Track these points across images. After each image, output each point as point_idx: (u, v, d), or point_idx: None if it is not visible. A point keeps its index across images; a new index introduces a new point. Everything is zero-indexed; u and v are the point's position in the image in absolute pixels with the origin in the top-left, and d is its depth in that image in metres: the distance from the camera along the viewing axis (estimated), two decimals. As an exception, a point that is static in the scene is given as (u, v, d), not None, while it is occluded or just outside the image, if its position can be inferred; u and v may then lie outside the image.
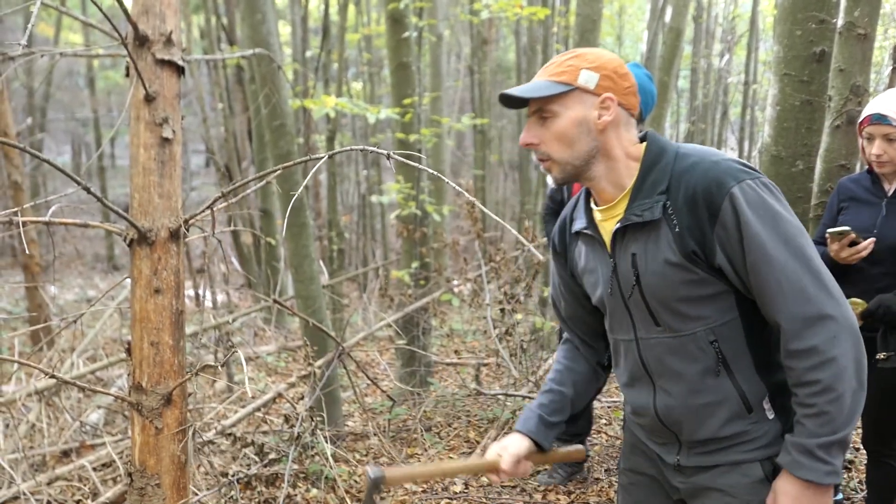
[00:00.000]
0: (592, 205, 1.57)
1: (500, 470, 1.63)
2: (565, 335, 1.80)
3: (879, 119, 2.45)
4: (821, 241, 2.67)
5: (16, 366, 5.09)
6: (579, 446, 1.76)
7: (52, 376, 1.63)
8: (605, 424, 4.31)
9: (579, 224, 1.59)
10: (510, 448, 1.63)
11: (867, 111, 2.53)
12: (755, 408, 1.46)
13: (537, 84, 1.47)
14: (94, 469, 3.98)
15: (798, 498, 1.36)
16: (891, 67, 7.63)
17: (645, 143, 1.49)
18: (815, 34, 3.03)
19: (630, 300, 1.51)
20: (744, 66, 11.10)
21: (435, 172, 1.37)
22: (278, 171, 1.64)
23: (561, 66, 1.47)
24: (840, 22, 2.89)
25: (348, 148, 1.45)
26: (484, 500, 3.43)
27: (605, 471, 3.68)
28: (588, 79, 1.44)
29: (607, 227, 1.53)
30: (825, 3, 3.02)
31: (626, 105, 1.47)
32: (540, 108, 1.47)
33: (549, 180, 1.55)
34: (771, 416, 1.46)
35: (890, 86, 7.48)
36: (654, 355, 1.52)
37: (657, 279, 1.45)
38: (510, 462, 1.61)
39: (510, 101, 1.49)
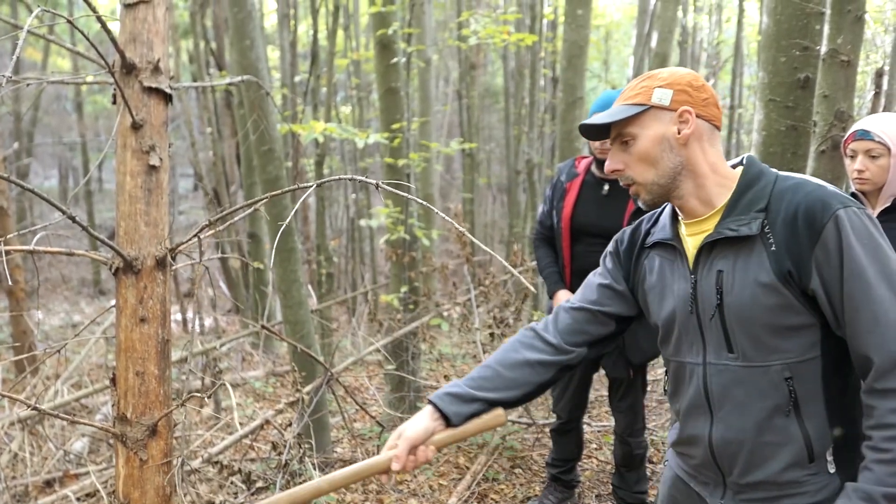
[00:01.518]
0: (680, 218, 1.53)
1: (391, 465, 1.49)
2: (536, 324, 1.71)
3: (863, 135, 2.47)
4: None
5: (-1, 394, 5.01)
6: (498, 411, 1.58)
7: (34, 408, 1.61)
8: (596, 449, 4.29)
9: (660, 235, 1.54)
10: (406, 432, 1.51)
11: (851, 129, 2.55)
12: (818, 458, 1.37)
13: (613, 111, 1.48)
14: (78, 499, 3.91)
15: None
16: (873, 92, 7.75)
17: (742, 167, 1.47)
18: (800, 61, 3.07)
19: (708, 320, 1.44)
20: (729, 90, 11.23)
21: (422, 202, 1.36)
22: (266, 199, 1.63)
23: (634, 89, 1.48)
24: (823, 49, 2.92)
25: (336, 178, 1.45)
26: (474, 528, 3.39)
27: (596, 497, 3.65)
28: (661, 96, 1.44)
29: (692, 243, 1.48)
30: (809, 30, 3.07)
31: (706, 116, 1.46)
32: (619, 133, 1.48)
33: (641, 203, 1.52)
34: (832, 469, 1.37)
35: (873, 110, 7.59)
36: (720, 383, 1.43)
37: (743, 300, 1.37)
38: (404, 450, 1.49)
39: (590, 132, 1.51)
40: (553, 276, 3.21)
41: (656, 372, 5.66)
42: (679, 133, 1.43)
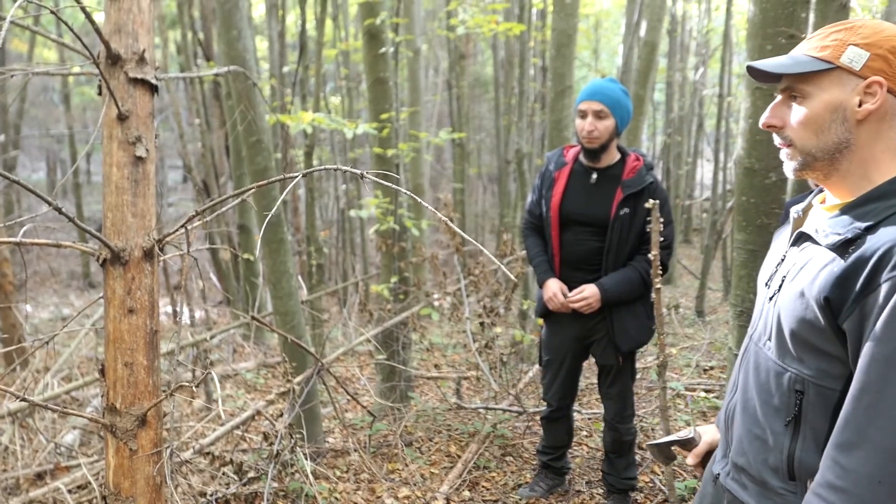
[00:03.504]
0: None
1: None
2: None
3: None
4: None
5: (-12, 387, 5.00)
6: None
7: (24, 399, 1.61)
8: (586, 436, 4.32)
9: (802, 204, 1.44)
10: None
11: None
12: (798, 480, 1.30)
13: (793, 59, 1.28)
14: (70, 491, 3.91)
15: None
16: (860, 79, 7.80)
17: None
18: (786, 49, 3.09)
19: (768, 300, 1.39)
20: (718, 78, 11.26)
21: (409, 193, 1.37)
22: (253, 190, 1.63)
23: (826, 38, 1.26)
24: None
25: (322, 167, 1.45)
26: (465, 516, 3.42)
27: (587, 483, 3.68)
28: (854, 57, 1.22)
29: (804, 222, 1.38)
30: (794, 18, 3.08)
31: None
32: (790, 85, 1.29)
33: (786, 169, 1.34)
34: None
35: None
36: (752, 361, 1.40)
37: (789, 299, 1.29)
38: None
39: (759, 75, 1.32)
40: (542, 264, 3.22)
41: (645, 359, 5.70)
42: (860, 106, 1.23)
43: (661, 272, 2.75)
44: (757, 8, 3.13)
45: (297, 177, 1.41)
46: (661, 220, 2.81)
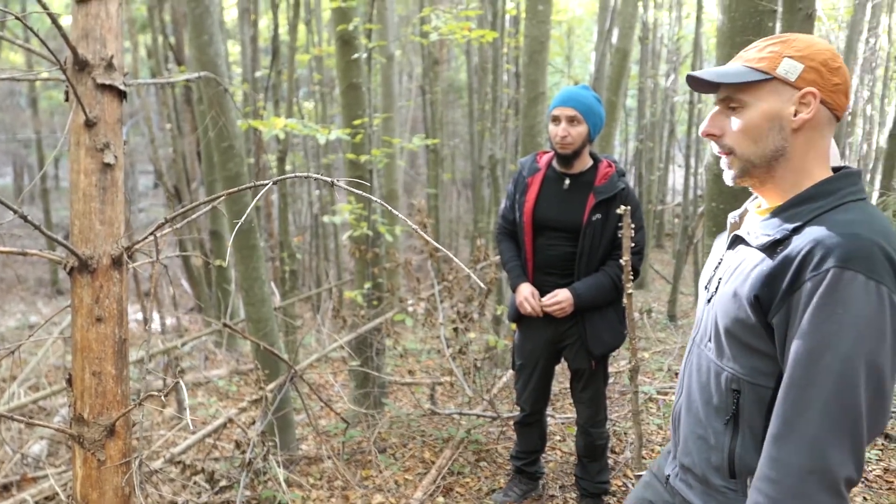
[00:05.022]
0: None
1: None
2: None
3: None
4: None
5: (-48, 397, 4.91)
6: None
7: (-12, 410, 1.58)
8: (559, 441, 4.34)
9: (739, 211, 1.51)
10: None
11: None
12: (739, 478, 1.35)
13: (731, 69, 1.33)
14: (37, 503, 3.84)
15: None
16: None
17: (829, 173, 1.33)
18: (753, 57, 3.14)
19: (707, 302, 1.45)
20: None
21: (379, 201, 1.37)
22: (224, 196, 1.62)
23: (762, 51, 1.32)
24: (775, 45, 3.00)
25: (294, 175, 1.45)
26: (439, 522, 3.42)
27: (560, 487, 3.70)
28: (790, 68, 1.28)
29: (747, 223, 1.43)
30: (762, 27, 3.13)
31: (830, 104, 1.29)
32: (729, 95, 1.33)
33: (726, 177, 1.39)
34: None
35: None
36: (697, 363, 1.45)
37: (725, 300, 1.34)
38: None
39: (697, 84, 1.36)
40: (516, 269, 3.24)
41: (618, 364, 5.74)
42: (795, 116, 1.29)
43: (632, 277, 2.77)
44: (725, 17, 3.18)
45: (268, 184, 1.41)
46: (633, 225, 2.83)
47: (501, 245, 3.36)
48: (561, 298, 3.04)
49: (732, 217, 1.50)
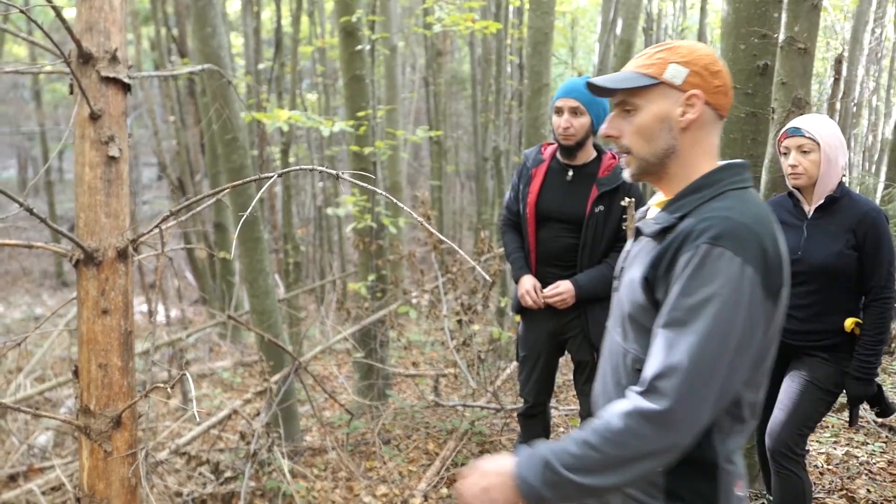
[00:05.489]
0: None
1: None
2: None
3: (794, 132, 2.59)
4: None
5: (-41, 389, 4.94)
6: None
7: (-5, 402, 1.59)
8: (563, 433, 4.35)
9: (643, 208, 1.61)
10: None
11: (784, 128, 2.66)
12: None
13: (624, 75, 1.44)
14: (43, 493, 3.86)
15: (497, 469, 1.38)
16: (833, 79, 7.90)
17: (716, 166, 1.43)
18: (758, 48, 3.13)
19: (615, 291, 1.55)
20: (692, 76, 11.35)
21: (383, 193, 1.37)
22: (228, 189, 1.62)
23: (651, 58, 1.43)
24: (781, 36, 2.98)
25: (298, 168, 1.45)
26: (443, 513, 3.43)
27: (564, 479, 3.71)
28: (675, 73, 1.40)
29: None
30: (767, 18, 3.12)
31: (714, 105, 1.41)
32: (624, 99, 1.44)
33: (625, 175, 1.50)
34: (659, 468, 1.40)
35: (833, 96, 7.72)
36: (608, 347, 1.55)
37: (625, 287, 1.46)
38: None
39: (596, 90, 1.47)
40: (519, 261, 3.24)
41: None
42: (682, 116, 1.40)
43: (636, 269, 2.78)
44: (730, 7, 3.17)
45: (272, 177, 1.41)
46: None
47: (505, 236, 3.36)
48: (562, 290, 3.04)
49: (640, 213, 1.60)
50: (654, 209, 1.54)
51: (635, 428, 1.27)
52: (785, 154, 2.65)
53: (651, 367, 1.29)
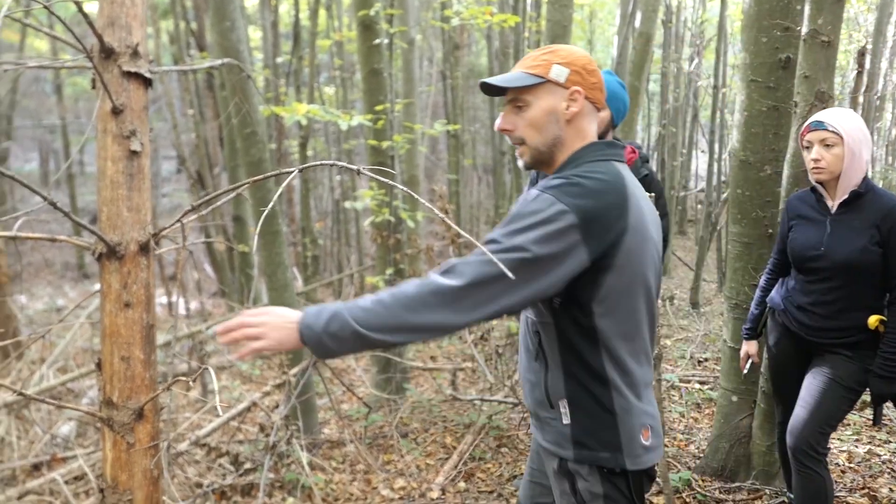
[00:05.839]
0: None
1: None
2: None
3: (817, 125, 2.55)
4: (780, 251, 2.77)
5: (-17, 379, 5.00)
6: None
7: (20, 394, 1.61)
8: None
9: None
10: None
11: (806, 122, 2.61)
12: (554, 405, 1.61)
13: (514, 75, 1.62)
14: (66, 482, 3.92)
15: (280, 311, 1.54)
16: (856, 71, 7.79)
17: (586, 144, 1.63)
18: (781, 41, 3.09)
19: None
20: (713, 69, 11.25)
21: (403, 188, 1.37)
22: (248, 184, 1.63)
23: (536, 59, 1.62)
24: (804, 29, 2.94)
25: (318, 163, 1.45)
26: (461, 506, 3.44)
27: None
28: (559, 73, 1.59)
29: None
30: (789, 10, 3.08)
31: (592, 99, 1.62)
32: (515, 97, 1.62)
33: (520, 163, 1.70)
34: (566, 420, 1.60)
35: (855, 89, 7.62)
36: (522, 318, 1.73)
37: None
38: None
39: (489, 89, 1.64)
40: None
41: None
42: (567, 109, 1.60)
43: (655, 264, 2.75)
44: (752, 0, 3.13)
45: (293, 172, 1.41)
46: (657, 213, 2.81)
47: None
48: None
49: None
50: None
51: (426, 296, 1.43)
52: (807, 148, 2.60)
53: (460, 260, 1.47)
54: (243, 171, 4.19)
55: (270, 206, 1.38)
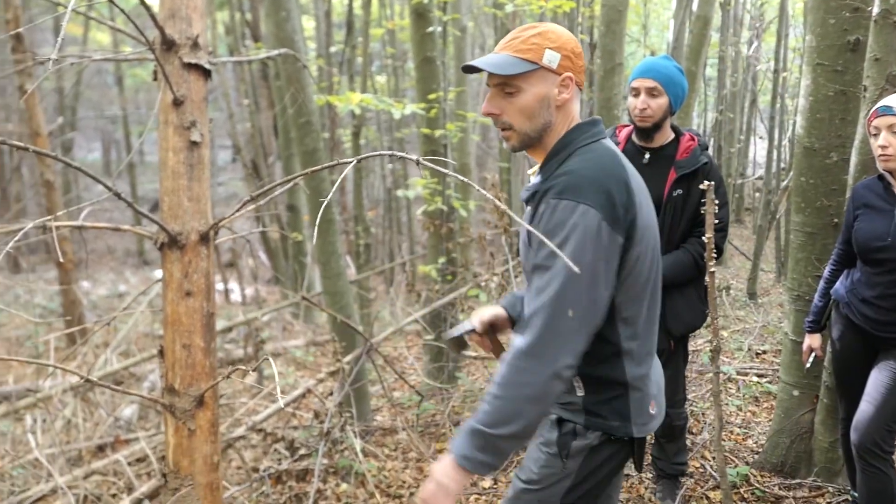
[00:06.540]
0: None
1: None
2: None
3: (885, 111, 2.43)
4: (845, 242, 2.67)
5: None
6: None
7: (87, 380, 1.66)
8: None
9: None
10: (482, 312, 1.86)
11: (874, 107, 2.50)
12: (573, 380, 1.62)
13: (503, 59, 1.56)
14: (129, 464, 4.04)
15: (442, 461, 1.54)
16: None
17: (569, 128, 1.62)
18: (850, 22, 2.97)
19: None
20: (773, 53, 10.91)
21: (461, 178, 1.36)
22: (305, 175, 1.64)
23: (525, 42, 1.57)
24: (875, 10, 2.81)
25: (378, 153, 1.45)
26: (513, 496, 3.43)
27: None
28: (551, 58, 1.55)
29: None
30: (859, -10, 2.95)
31: (578, 82, 1.61)
32: (504, 81, 1.57)
33: (506, 146, 1.71)
34: (580, 392, 1.62)
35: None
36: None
37: (521, 252, 1.66)
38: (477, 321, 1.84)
39: (472, 70, 1.59)
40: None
41: (696, 342, 5.62)
42: (559, 95, 1.58)
43: (715, 255, 2.68)
44: (819, -20, 3.01)
45: (352, 162, 1.41)
46: (716, 201, 2.74)
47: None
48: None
49: (527, 182, 1.79)
50: (531, 178, 1.71)
51: (518, 365, 1.45)
52: (875, 135, 2.49)
53: (525, 309, 1.49)
54: (298, 160, 4.23)
55: (329, 197, 1.39)
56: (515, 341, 1.47)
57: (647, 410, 1.63)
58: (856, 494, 2.68)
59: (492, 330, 1.88)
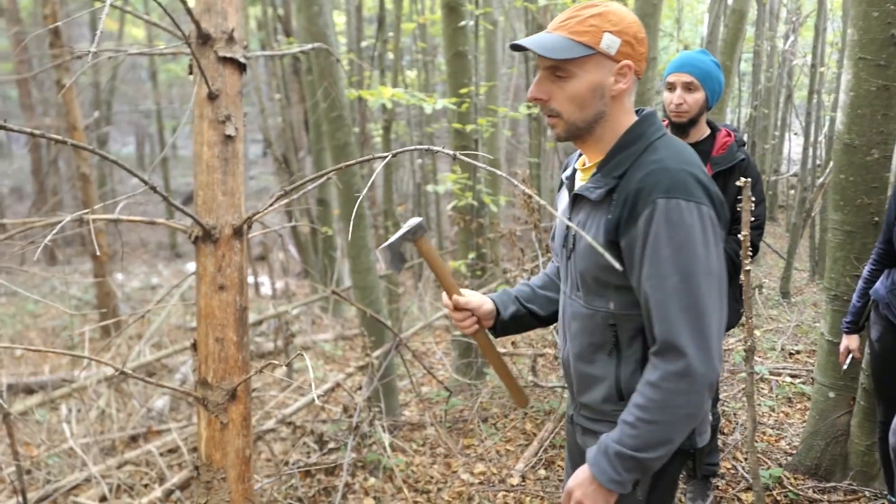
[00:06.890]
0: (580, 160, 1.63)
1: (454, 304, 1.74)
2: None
3: None
4: (886, 241, 2.60)
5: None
6: (524, 395, 1.90)
7: (122, 372, 1.67)
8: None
9: (568, 171, 1.65)
10: (470, 297, 1.75)
11: None
12: (626, 397, 1.50)
13: (556, 41, 1.42)
14: (161, 454, 4.10)
15: (582, 484, 1.45)
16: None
17: (634, 120, 1.49)
18: (893, 16, 2.89)
19: (567, 260, 1.60)
20: (810, 47, 10.70)
21: (497, 171, 1.34)
22: (338, 170, 1.63)
23: (583, 23, 1.42)
24: (920, 2, 2.74)
25: (412, 148, 1.44)
26: (541, 494, 3.41)
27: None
28: (610, 44, 1.41)
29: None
30: (904, -18, 2.88)
31: (638, 72, 1.47)
32: (555, 65, 1.43)
33: (550, 134, 1.59)
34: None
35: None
36: (570, 313, 1.61)
37: (583, 253, 1.51)
38: (461, 302, 1.73)
39: (519, 49, 1.46)
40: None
41: (728, 342, 5.54)
42: (615, 85, 1.44)
43: (751, 253, 2.64)
44: (863, -28, 2.93)
45: (387, 157, 1.41)
46: (753, 199, 2.69)
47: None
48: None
49: (565, 178, 1.65)
50: (580, 173, 1.59)
51: (672, 388, 1.35)
52: None
53: (659, 328, 1.37)
54: (329, 154, 4.24)
55: (363, 194, 1.38)
56: (661, 366, 1.37)
57: (707, 418, 1.55)
58: (893, 499, 2.62)
59: (479, 323, 1.79)
